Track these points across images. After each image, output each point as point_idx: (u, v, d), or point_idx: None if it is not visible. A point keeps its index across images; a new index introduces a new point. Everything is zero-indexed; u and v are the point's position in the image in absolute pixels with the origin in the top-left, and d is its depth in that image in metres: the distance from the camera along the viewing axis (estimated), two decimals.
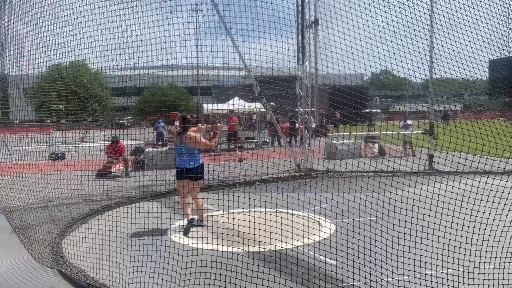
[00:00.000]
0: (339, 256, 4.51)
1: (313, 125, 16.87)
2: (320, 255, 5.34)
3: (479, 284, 4.06)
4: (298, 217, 6.87)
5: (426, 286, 4.04)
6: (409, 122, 17.21)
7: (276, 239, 5.04)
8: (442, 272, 4.18)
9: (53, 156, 14.93)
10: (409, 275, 4.25)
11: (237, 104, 19.51)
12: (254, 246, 5.52)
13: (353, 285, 4.40)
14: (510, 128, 5.32)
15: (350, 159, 9.36)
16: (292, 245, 5.17)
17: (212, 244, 5.52)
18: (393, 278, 4.19)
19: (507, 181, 4.56)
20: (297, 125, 16.07)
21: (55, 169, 7.11)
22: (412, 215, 4.55)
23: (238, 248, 5.38)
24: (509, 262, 4.25)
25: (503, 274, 4.13)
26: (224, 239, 5.54)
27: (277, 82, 7.94)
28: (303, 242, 5.94)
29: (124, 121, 28.12)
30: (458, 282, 4.07)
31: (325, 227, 6.89)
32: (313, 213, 7.28)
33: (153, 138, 18.35)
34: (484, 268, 4.16)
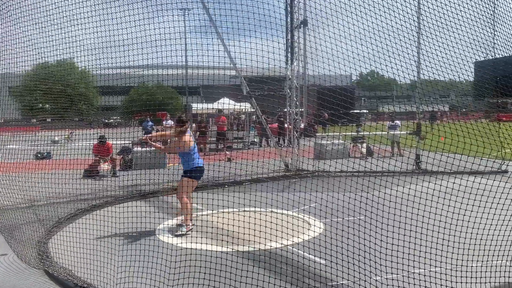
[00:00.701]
0: (328, 255, 4.52)
1: (302, 125, 16.92)
2: (309, 254, 5.35)
3: (466, 282, 4.10)
4: (287, 216, 6.89)
5: (414, 284, 4.08)
6: (397, 122, 17.38)
7: (265, 238, 5.04)
8: (430, 271, 4.22)
9: (39, 155, 14.77)
10: (397, 274, 4.28)
11: (226, 103, 19.48)
12: (243, 246, 5.51)
13: (342, 284, 4.41)
14: (495, 128, 5.40)
15: (338, 159, 9.41)
16: (281, 244, 5.17)
17: (201, 243, 5.50)
18: (381, 276, 4.21)
19: (494, 180, 4.63)
20: (285, 125, 16.11)
21: (41, 169, 7.02)
22: (400, 214, 4.59)
23: (227, 247, 5.37)
24: (496, 260, 4.31)
25: (490, 272, 4.18)
26: (213, 238, 5.53)
27: (266, 82, 7.95)
28: (292, 241, 5.95)
29: (112, 120, 27.91)
30: (446, 280, 4.11)
31: (314, 226, 6.92)
32: (302, 212, 7.30)
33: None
34: (471, 266, 4.21)
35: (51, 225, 7.09)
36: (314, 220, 7.21)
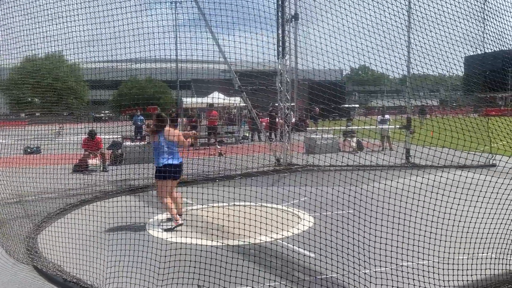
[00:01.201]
0: (317, 248, 4.55)
1: (293, 120, 16.94)
2: (298, 247, 5.38)
3: (453, 275, 4.16)
4: (277, 210, 6.91)
5: (403, 277, 4.12)
6: (386, 116, 17.48)
7: (255, 232, 5.06)
8: (418, 264, 4.27)
9: (28, 150, 14.63)
10: (385, 267, 4.33)
11: (217, 98, 19.42)
12: (233, 240, 5.52)
13: (331, 277, 4.45)
14: (483, 122, 5.46)
15: (329, 153, 9.44)
16: (271, 238, 5.19)
17: (191, 238, 5.51)
18: (370, 270, 4.25)
19: (480, 174, 4.69)
20: (276, 119, 16.11)
21: (30, 163, 6.96)
22: (389, 207, 4.63)
23: (217, 241, 5.38)
24: (482, 253, 4.37)
25: (476, 264, 4.24)
26: (203, 233, 5.53)
27: (257, 76, 7.93)
28: (282, 235, 5.98)
29: (102, 114, 27.71)
30: (433, 273, 4.16)
31: (304, 220, 6.95)
32: (292, 206, 7.33)
33: (131, 132, 18.12)
34: (458, 259, 4.27)
35: (40, 220, 7.05)
36: (304, 214, 7.24)
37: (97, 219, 5.35)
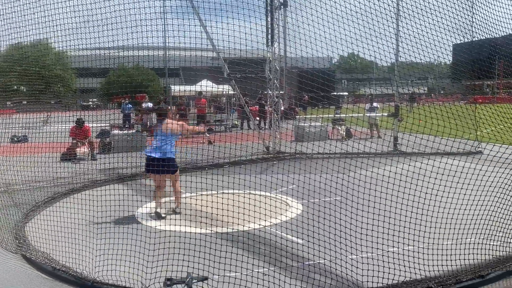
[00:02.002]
0: (305, 235, 4.60)
1: (282, 108, 16.94)
2: (287, 234, 5.44)
3: (437, 260, 4.25)
4: (266, 198, 6.96)
5: (389, 262, 4.20)
6: (375, 104, 17.56)
7: (244, 220, 5.10)
8: (403, 249, 4.35)
9: (15, 139, 14.46)
10: (372, 252, 4.40)
11: (206, 86, 19.30)
12: (222, 227, 5.56)
13: (318, 263, 4.52)
14: (469, 110, 5.53)
15: (318, 141, 9.49)
16: (259, 225, 5.24)
17: (181, 225, 5.53)
18: (357, 255, 4.32)
19: (465, 162, 4.76)
20: (266, 107, 16.11)
21: (17, 152, 6.90)
22: (376, 195, 4.69)
23: (206, 229, 5.41)
24: (466, 239, 4.47)
25: (459, 250, 4.34)
26: (192, 220, 5.56)
27: (246, 64, 7.90)
28: (271, 222, 6.03)
29: (90, 103, 27.42)
30: (419, 258, 4.25)
31: (292, 207, 7.01)
32: (280, 194, 7.38)
33: (118, 120, 17.97)
34: (443, 244, 4.36)
35: (28, 209, 7.01)
36: (292, 201, 7.31)
37: (86, 207, 5.35)
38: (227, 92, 20.14)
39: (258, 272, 4.28)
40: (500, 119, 5.16)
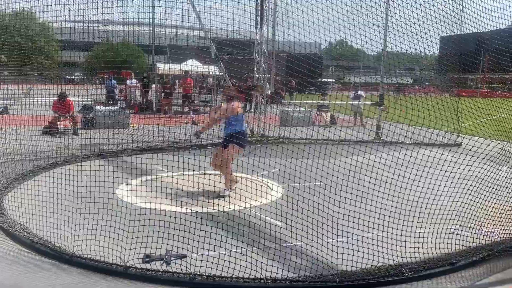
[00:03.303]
0: (284, 218, 4.68)
1: (269, 92, 16.94)
2: (266, 216, 5.52)
3: (410, 247, 4.38)
4: (247, 180, 7.02)
5: (363, 247, 4.32)
6: (361, 92, 17.65)
7: (225, 201, 5.16)
8: (378, 235, 4.46)
9: None
10: (348, 237, 4.51)
11: (192, 65, 19.12)
12: (203, 207, 5.61)
13: (295, 245, 4.61)
14: (452, 102, 5.63)
15: (302, 127, 9.56)
16: (240, 206, 5.30)
17: (161, 204, 5.56)
18: (333, 239, 4.42)
19: (441, 154, 4.88)
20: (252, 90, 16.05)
21: None
22: (354, 181, 4.78)
23: (186, 208, 5.45)
24: (438, 228, 4.61)
25: (431, 238, 4.48)
26: (172, 199, 5.59)
27: (234, 46, 7.85)
28: (251, 204, 6.10)
29: (74, 77, 26.91)
30: (392, 244, 4.38)
31: (273, 190, 7.10)
32: (262, 177, 7.44)
33: (101, 96, 17.70)
34: (415, 232, 4.49)
35: (6, 181, 6.94)
36: (273, 185, 7.39)
37: (66, 182, 5.32)
38: (213, 73, 20.00)
39: (236, 252, 4.36)
40: (479, 113, 5.27)
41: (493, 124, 5.33)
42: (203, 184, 5.23)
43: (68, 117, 12.91)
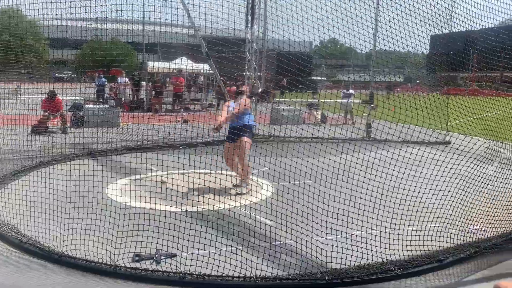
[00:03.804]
0: (274, 216, 4.70)
1: (259, 90, 16.94)
2: (256, 215, 5.54)
3: (398, 244, 4.43)
4: (237, 179, 7.03)
5: (352, 245, 4.35)
6: (351, 91, 17.72)
7: (214, 200, 5.16)
8: (367, 233, 4.50)
9: None
10: (337, 235, 4.54)
11: (184, 64, 19.05)
12: (193, 206, 5.61)
13: (285, 243, 4.64)
14: (441, 100, 5.67)
15: (292, 125, 9.59)
16: (229, 205, 5.31)
17: (151, 203, 5.55)
18: (322, 237, 4.45)
19: (429, 152, 4.93)
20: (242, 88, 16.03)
21: None
22: (342, 179, 4.81)
23: (176, 207, 5.44)
24: (426, 225, 4.66)
25: (420, 236, 4.53)
26: (162, 198, 5.58)
27: (225, 44, 7.85)
28: (241, 203, 6.12)
29: (63, 75, 26.65)
30: (381, 242, 4.42)
31: (263, 189, 7.11)
32: (252, 175, 7.46)
33: (90, 95, 17.58)
34: (404, 230, 4.53)
35: None
36: (263, 184, 7.41)
37: (55, 181, 5.28)
38: (204, 71, 19.94)
39: (226, 250, 4.37)
40: (467, 111, 5.32)
41: (479, 123, 5.40)
42: (193, 183, 5.23)
43: (58, 116, 12.80)
